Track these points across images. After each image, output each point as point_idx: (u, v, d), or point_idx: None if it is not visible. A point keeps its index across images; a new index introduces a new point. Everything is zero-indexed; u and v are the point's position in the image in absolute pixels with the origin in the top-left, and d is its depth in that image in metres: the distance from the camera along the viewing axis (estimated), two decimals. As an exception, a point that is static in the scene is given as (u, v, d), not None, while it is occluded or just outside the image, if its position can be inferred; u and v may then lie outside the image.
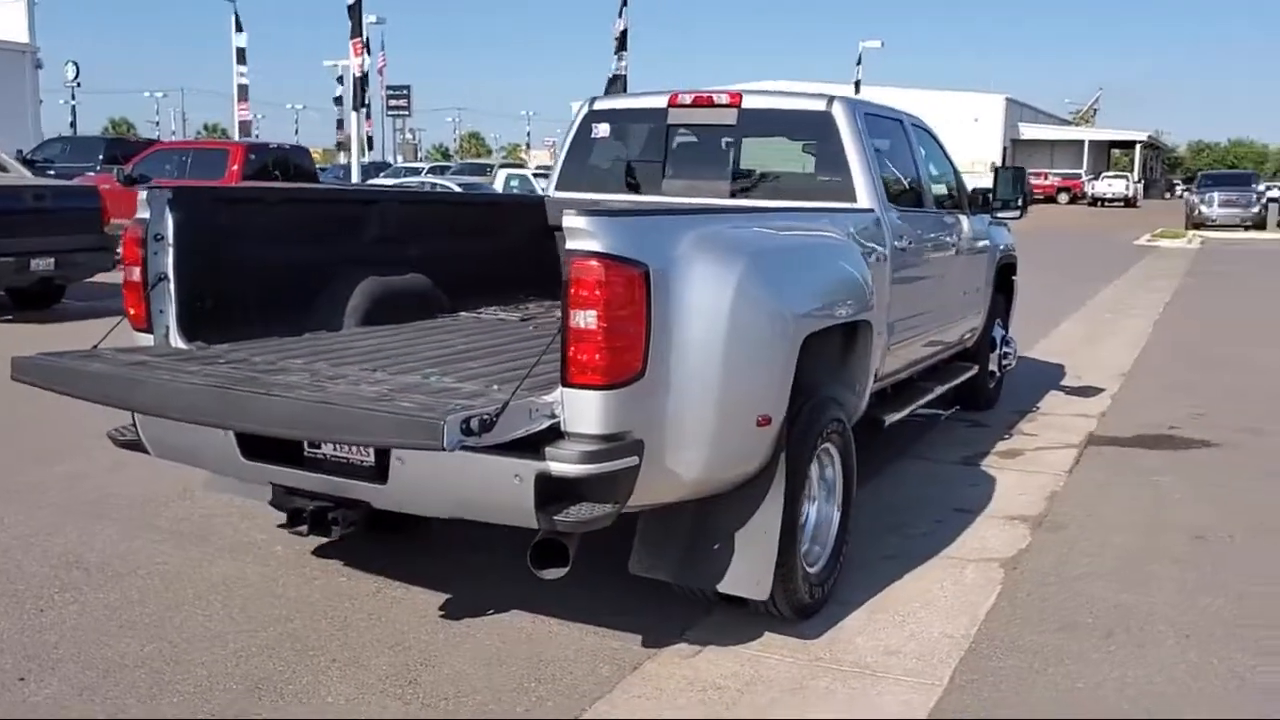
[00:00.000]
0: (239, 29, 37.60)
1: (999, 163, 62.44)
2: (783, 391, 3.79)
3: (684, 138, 6.05)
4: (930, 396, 6.28)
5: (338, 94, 59.36)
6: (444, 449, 2.92)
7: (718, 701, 3.58)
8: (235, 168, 16.37)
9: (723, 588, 3.85)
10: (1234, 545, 5.14)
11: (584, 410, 3.27)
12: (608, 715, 3.49)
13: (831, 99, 5.58)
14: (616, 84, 33.63)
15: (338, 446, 3.65)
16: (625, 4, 32.60)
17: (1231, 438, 7.18)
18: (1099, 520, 5.46)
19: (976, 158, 58.00)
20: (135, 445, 4.03)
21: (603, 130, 6.07)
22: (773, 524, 3.79)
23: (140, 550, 4.76)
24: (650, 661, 3.84)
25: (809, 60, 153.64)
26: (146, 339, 4.06)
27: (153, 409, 3.50)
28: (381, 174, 31.29)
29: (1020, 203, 6.97)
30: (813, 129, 5.64)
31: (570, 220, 3.25)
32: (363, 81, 23.42)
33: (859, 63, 48.83)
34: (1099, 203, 58.74)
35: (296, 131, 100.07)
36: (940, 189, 6.63)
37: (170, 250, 4.00)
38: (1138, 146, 77.34)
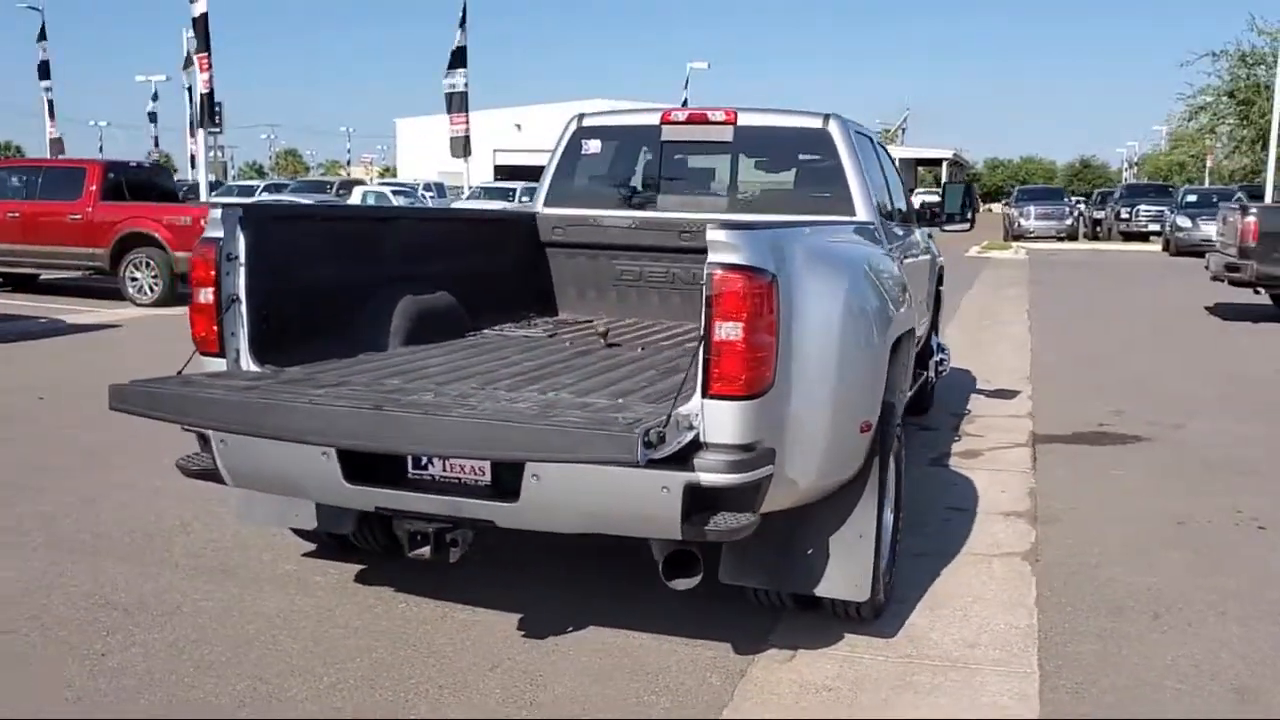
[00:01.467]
0: (42, 36, 35.56)
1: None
2: (878, 397, 3.92)
3: (678, 154, 6.13)
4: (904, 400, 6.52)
5: (151, 109, 56.92)
6: (638, 464, 2.92)
7: (837, 703, 3.66)
8: (94, 188, 15.50)
9: (820, 592, 3.94)
10: (1214, 529, 5.54)
11: (725, 421, 3.32)
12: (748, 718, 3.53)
13: (827, 116, 5.77)
14: (454, 100, 33.46)
15: (447, 466, 3.58)
16: (464, 21, 32.34)
17: (1159, 432, 7.71)
18: (1084, 513, 5.78)
19: (796, 174, 60.03)
20: (208, 475, 3.85)
21: (593, 146, 6.09)
22: (868, 528, 3.90)
23: (170, 588, 4.52)
24: (753, 668, 3.89)
25: (634, 79, 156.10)
26: (216, 364, 3.88)
27: (298, 434, 3.35)
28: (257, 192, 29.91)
29: (970, 215, 7.31)
30: (810, 145, 5.81)
31: (713, 234, 3.30)
32: (210, 98, 22.52)
33: (686, 85, 49.64)
34: (917, 218, 61.32)
35: (101, 149, 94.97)
36: (901, 203, 6.92)
37: (242, 270, 3.85)
38: (944, 164, 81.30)
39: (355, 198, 24.85)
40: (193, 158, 40.43)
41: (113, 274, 15.64)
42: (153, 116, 55.85)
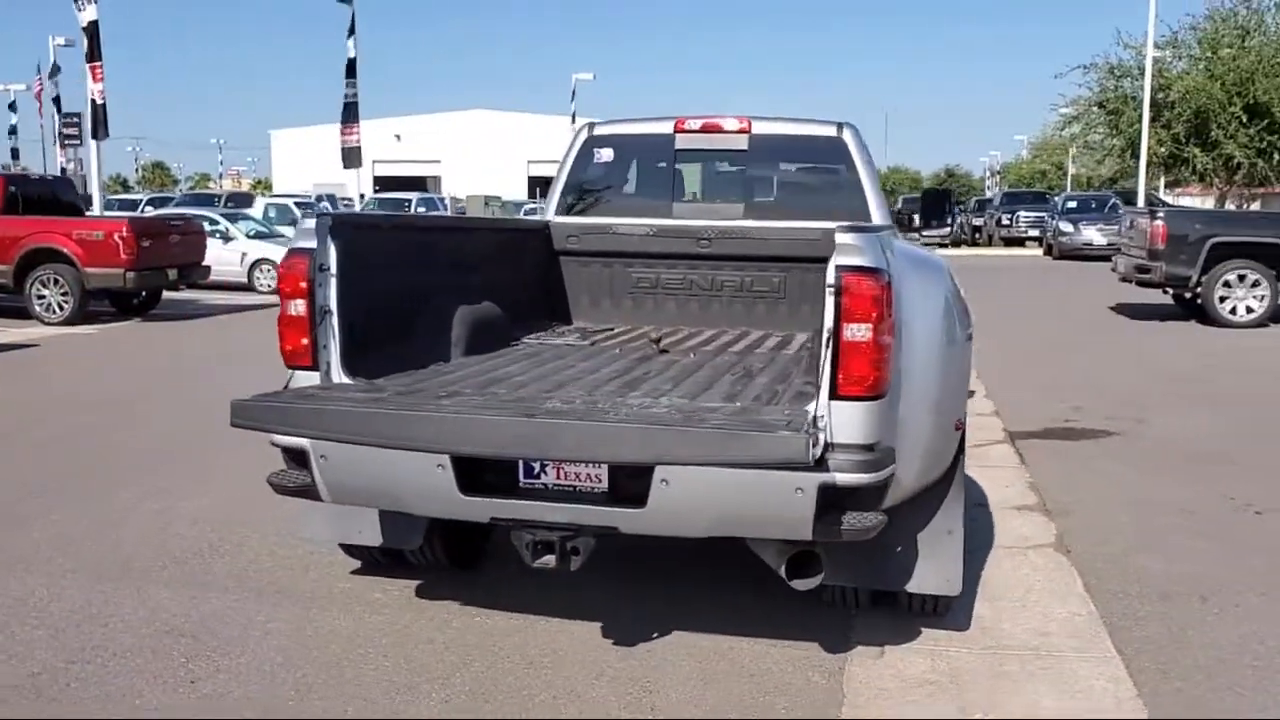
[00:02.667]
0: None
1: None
2: (965, 395, 4.04)
3: (692, 162, 6.18)
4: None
5: (14, 122, 54.36)
6: (807, 463, 2.97)
7: (943, 695, 3.74)
8: (-5, 201, 14.82)
9: (912, 588, 4.02)
10: (1216, 515, 5.83)
11: (853, 421, 3.38)
12: (867, 717, 3.59)
13: (840, 125, 5.91)
14: (351, 111, 32.93)
15: (562, 474, 3.56)
16: (353, 31, 31.77)
17: (1125, 427, 8.06)
18: (1090, 505, 6.02)
19: (678, 184, 60.70)
20: (304, 492, 3.74)
21: (606, 155, 6.10)
22: (956, 524, 4.01)
23: (228, 611, 4.36)
24: (850, 665, 3.95)
25: (519, 90, 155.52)
26: (307, 378, 3.78)
27: (447, 444, 3.30)
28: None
29: (949, 221, 7.53)
30: (825, 153, 5.92)
31: (842, 237, 3.37)
32: (103, 108, 21.68)
33: (573, 96, 49.51)
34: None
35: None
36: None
37: (333, 281, 3.76)
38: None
39: (257, 209, 24.19)
40: (63, 170, 38.82)
41: (17, 292, 14.96)
42: (13, 130, 53.32)
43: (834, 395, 3.36)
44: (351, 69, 32.46)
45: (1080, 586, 4.75)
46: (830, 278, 3.40)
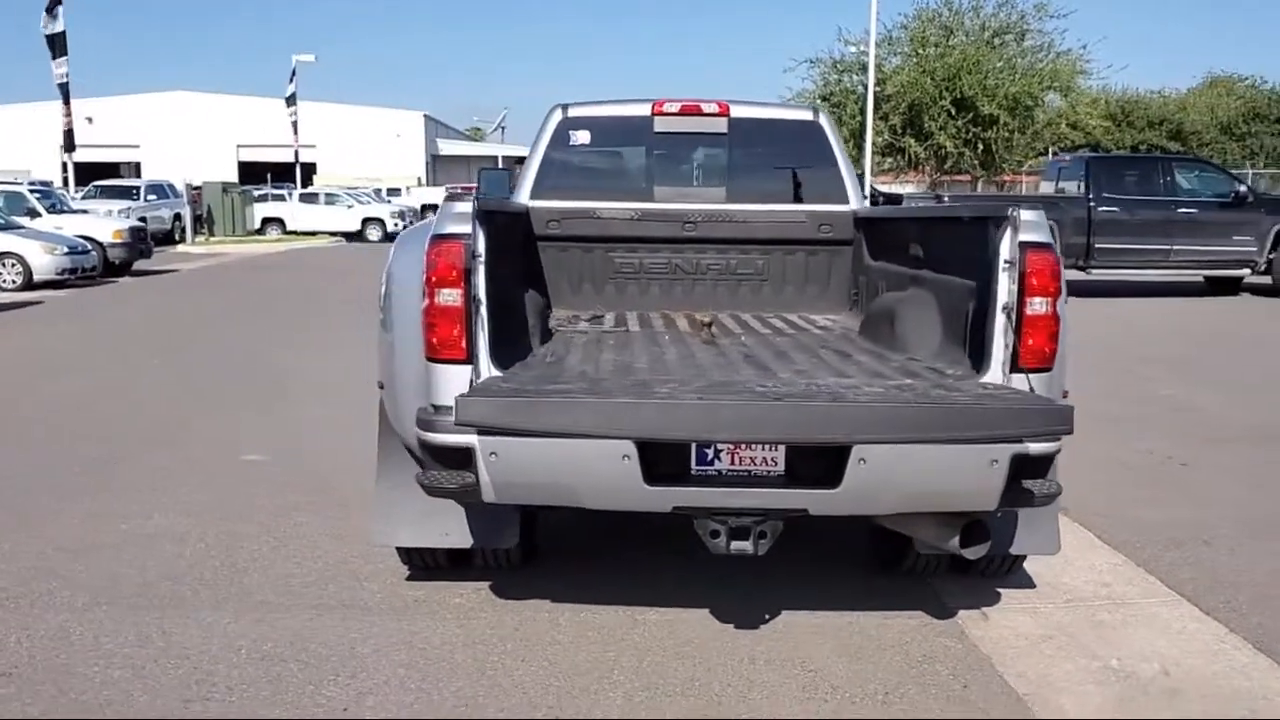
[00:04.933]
0: None
1: (423, 177, 64.43)
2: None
3: (671, 145, 6.15)
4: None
5: None
6: (1069, 434, 3.09)
7: (1073, 647, 3.96)
8: None
9: (1015, 549, 4.22)
10: (1152, 468, 6.43)
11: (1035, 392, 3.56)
12: (1022, 672, 3.76)
13: (816, 110, 6.08)
14: (65, 90, 30.40)
15: (736, 459, 3.52)
16: (54, 5, 29.16)
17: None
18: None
19: (402, 172, 59.50)
20: (463, 492, 3.49)
21: (582, 137, 5.97)
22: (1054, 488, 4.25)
23: (310, 630, 4.02)
24: (970, 629, 4.12)
25: (233, 70, 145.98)
26: (458, 372, 3.54)
27: (699, 432, 3.20)
28: None
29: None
30: (802, 137, 6.05)
31: (1026, 214, 3.51)
32: None
33: (293, 76, 47.29)
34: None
35: None
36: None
37: (482, 269, 3.54)
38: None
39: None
40: None
41: None
42: None
43: (1014, 368, 3.50)
44: (59, 45, 29.92)
45: (1096, 539, 5.13)
46: (1007, 254, 3.52)
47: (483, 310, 3.54)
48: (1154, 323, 14.07)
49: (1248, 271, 16.48)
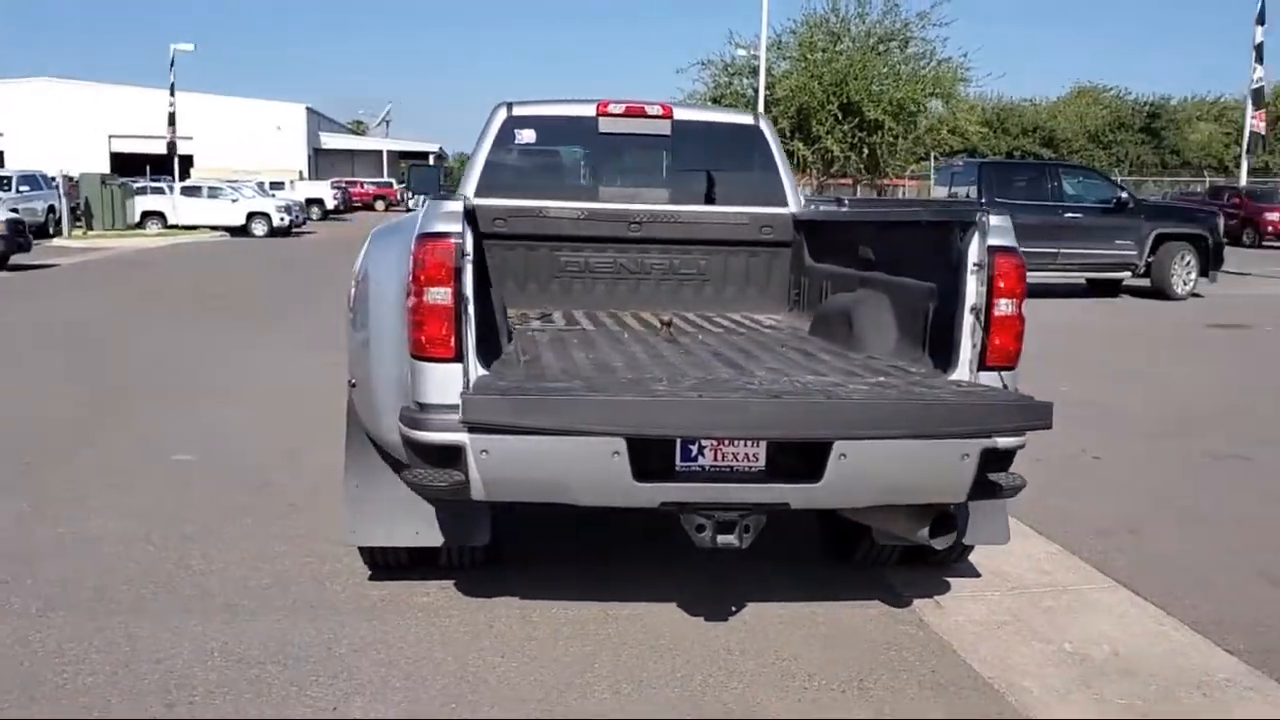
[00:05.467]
0: None
1: (305, 170, 63.06)
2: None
3: (615, 145, 6.21)
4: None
5: None
6: (1049, 429, 3.26)
7: (1026, 632, 4.16)
8: None
9: (969, 540, 4.40)
10: (1066, 462, 6.72)
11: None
12: (984, 657, 3.94)
13: (757, 114, 6.22)
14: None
15: (718, 455, 3.61)
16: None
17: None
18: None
19: (283, 166, 58.25)
20: (452, 490, 3.50)
21: (527, 136, 5.99)
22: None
23: (279, 633, 3.97)
24: (926, 616, 4.29)
25: (105, 58, 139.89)
26: (447, 371, 3.55)
27: (700, 429, 3.26)
28: None
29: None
30: (742, 140, 6.18)
31: (994, 219, 3.68)
32: None
33: (172, 65, 45.79)
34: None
35: None
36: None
37: (469, 268, 3.56)
38: (430, 157, 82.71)
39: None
40: None
41: None
42: None
43: (982, 366, 3.68)
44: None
45: (1028, 529, 5.37)
46: (975, 257, 3.69)
47: (469, 309, 3.56)
48: (1043, 321, 14.60)
49: (1128, 274, 17.26)
